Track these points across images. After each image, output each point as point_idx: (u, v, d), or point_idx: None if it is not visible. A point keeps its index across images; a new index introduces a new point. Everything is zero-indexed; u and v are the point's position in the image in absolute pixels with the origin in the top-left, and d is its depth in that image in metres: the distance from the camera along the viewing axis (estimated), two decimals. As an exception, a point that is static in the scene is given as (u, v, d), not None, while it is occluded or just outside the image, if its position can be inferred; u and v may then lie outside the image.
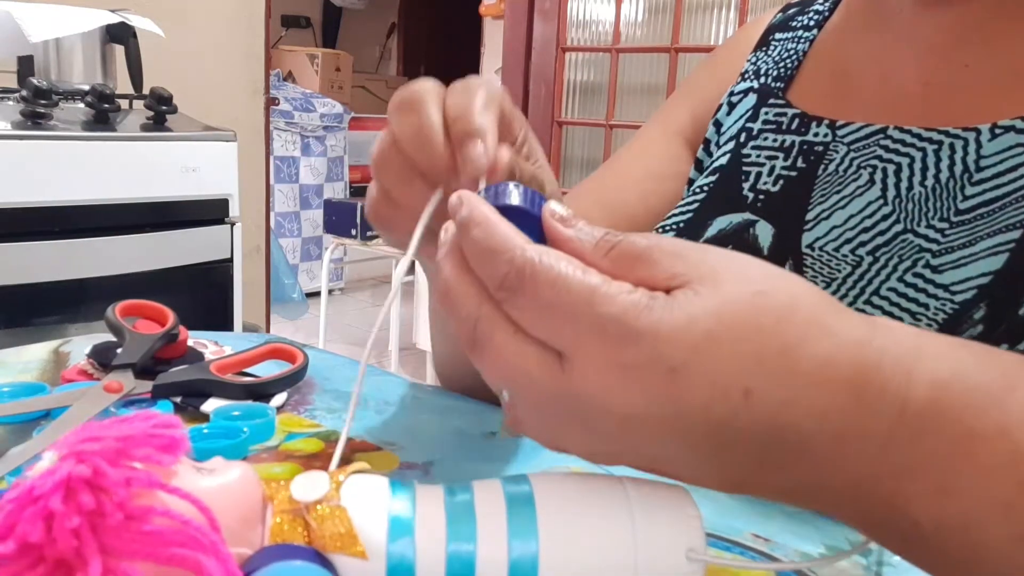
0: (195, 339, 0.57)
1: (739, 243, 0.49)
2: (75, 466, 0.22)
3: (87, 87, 1.42)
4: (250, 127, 2.16)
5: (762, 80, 0.56)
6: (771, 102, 0.54)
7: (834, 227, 0.46)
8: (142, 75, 1.62)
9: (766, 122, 0.53)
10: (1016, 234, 0.40)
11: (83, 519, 0.21)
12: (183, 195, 1.44)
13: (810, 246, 0.47)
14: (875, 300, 0.43)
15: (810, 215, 0.47)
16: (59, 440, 0.23)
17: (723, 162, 0.54)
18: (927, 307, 0.41)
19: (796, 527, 0.39)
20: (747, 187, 0.51)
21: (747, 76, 0.57)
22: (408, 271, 0.33)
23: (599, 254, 0.26)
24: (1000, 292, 0.39)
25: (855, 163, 0.47)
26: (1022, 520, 0.24)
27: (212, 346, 0.57)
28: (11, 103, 1.40)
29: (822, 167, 0.48)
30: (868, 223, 0.45)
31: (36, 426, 0.44)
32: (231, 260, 1.52)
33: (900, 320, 0.27)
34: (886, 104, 0.48)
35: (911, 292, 0.42)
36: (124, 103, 1.51)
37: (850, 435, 0.24)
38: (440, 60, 5.71)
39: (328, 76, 4.26)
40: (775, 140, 0.52)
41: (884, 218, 0.45)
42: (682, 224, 0.53)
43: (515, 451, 0.46)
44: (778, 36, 0.58)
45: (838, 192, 0.47)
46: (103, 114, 1.39)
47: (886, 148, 0.46)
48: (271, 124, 2.72)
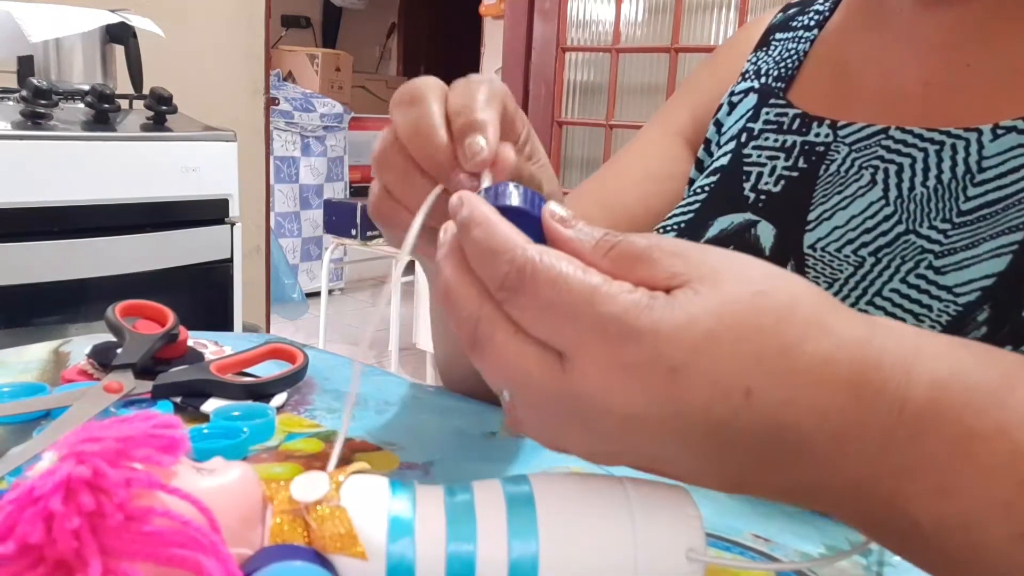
0: (195, 339, 0.57)
1: (740, 243, 0.49)
2: (75, 467, 0.22)
3: (87, 87, 1.42)
4: (250, 127, 2.16)
5: (763, 80, 0.56)
6: (772, 102, 0.54)
7: (836, 228, 0.46)
8: (142, 75, 1.62)
9: (767, 122, 0.53)
10: (1019, 236, 0.39)
11: (83, 520, 0.21)
12: (183, 195, 1.44)
13: (812, 247, 0.46)
14: (877, 301, 0.43)
15: (812, 215, 0.47)
16: (59, 440, 0.23)
17: (724, 162, 0.54)
18: (930, 308, 0.41)
19: (796, 527, 0.39)
20: (748, 187, 0.51)
21: (748, 76, 0.57)
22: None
23: (599, 254, 0.26)
24: (1003, 294, 0.39)
25: (857, 163, 0.47)
26: (1022, 519, 0.24)
27: (212, 346, 0.57)
28: (11, 103, 1.40)
29: (823, 167, 0.48)
30: (870, 223, 0.45)
31: (36, 426, 0.44)
32: (231, 260, 1.52)
33: (903, 322, 0.27)
34: (887, 104, 0.48)
35: (914, 293, 0.42)
36: (124, 103, 1.51)
37: (850, 434, 0.24)
38: (440, 60, 5.70)
39: (328, 76, 4.26)
40: (776, 140, 0.52)
41: (886, 219, 0.45)
42: (683, 224, 0.53)
43: (515, 451, 0.46)
44: (778, 36, 0.58)
45: (840, 192, 0.47)
46: (103, 114, 1.39)
47: (888, 148, 0.46)
48: (271, 124, 2.72)
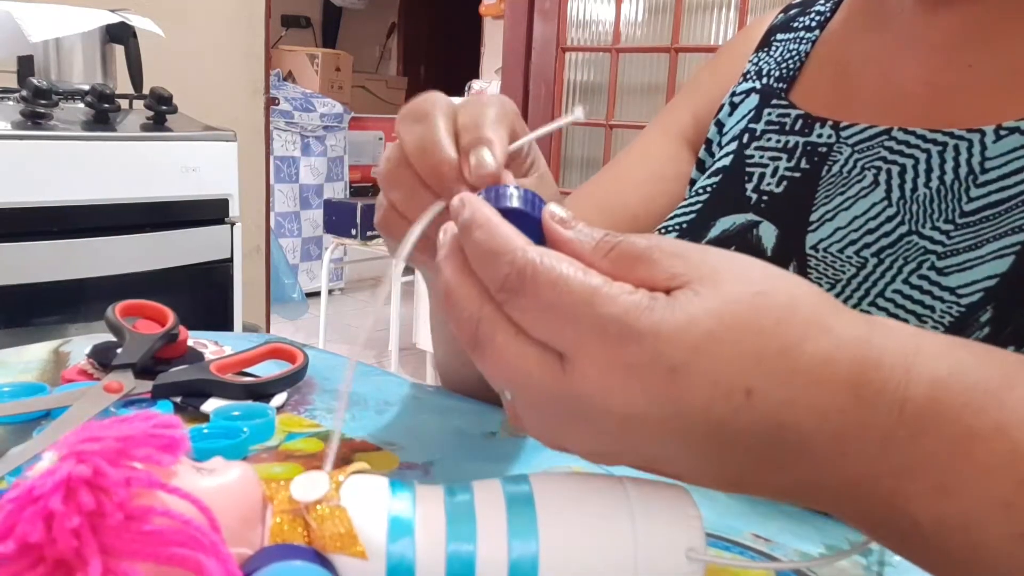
0: (195, 339, 0.57)
1: (742, 244, 0.49)
2: (75, 466, 0.22)
3: (87, 87, 1.42)
4: (250, 127, 2.16)
5: (764, 81, 0.56)
6: (774, 103, 0.54)
7: (838, 228, 0.46)
8: (142, 75, 1.62)
9: (769, 123, 0.53)
10: (1022, 236, 0.39)
11: (83, 519, 0.21)
12: (183, 195, 1.44)
13: (814, 247, 0.46)
14: (880, 302, 0.43)
15: (814, 216, 0.47)
16: (59, 440, 0.23)
17: (726, 163, 0.54)
18: (933, 309, 0.41)
19: (796, 527, 0.39)
20: (750, 188, 0.51)
21: (749, 77, 0.57)
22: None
23: (599, 255, 0.26)
24: (1006, 295, 0.39)
25: (859, 164, 0.47)
26: (1021, 519, 0.24)
27: (212, 346, 0.57)
28: (11, 103, 1.40)
29: (826, 168, 0.48)
30: (872, 224, 0.45)
31: (36, 426, 0.44)
32: (231, 260, 1.52)
33: (906, 323, 0.27)
34: (889, 105, 0.48)
35: (916, 294, 0.42)
36: (124, 103, 1.51)
37: (849, 434, 0.24)
38: (440, 60, 5.71)
39: (328, 76, 4.26)
40: (778, 141, 0.52)
41: (889, 219, 0.45)
42: (685, 225, 0.53)
43: (515, 451, 0.46)
44: (780, 37, 0.58)
45: (842, 193, 0.47)
46: (103, 114, 1.39)
47: (890, 149, 0.46)
48: (271, 124, 2.72)
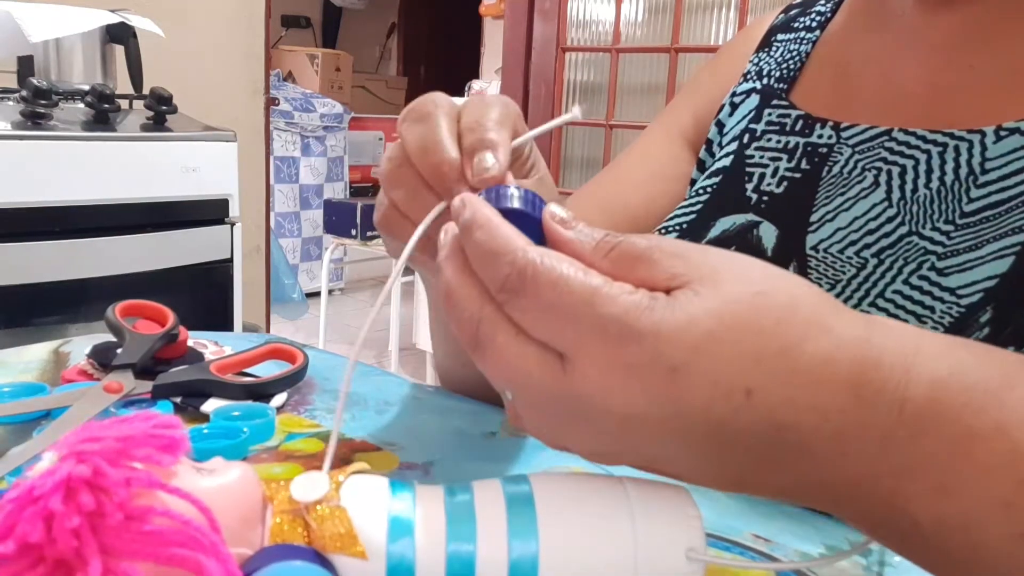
0: (195, 339, 0.57)
1: (742, 244, 0.49)
2: (75, 466, 0.22)
3: (87, 87, 1.42)
4: (250, 127, 2.16)
5: (765, 81, 0.56)
6: (774, 103, 0.54)
7: (839, 229, 0.46)
8: (142, 75, 1.62)
9: (769, 123, 0.53)
10: (1022, 237, 0.39)
11: (83, 519, 0.21)
12: (183, 195, 1.44)
13: (814, 248, 0.46)
14: (880, 303, 0.43)
15: (814, 217, 0.47)
16: (59, 440, 0.23)
17: (726, 163, 0.54)
18: (933, 310, 0.41)
19: (796, 527, 0.39)
20: (751, 188, 0.51)
21: (749, 77, 0.57)
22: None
23: (599, 255, 0.26)
24: (1006, 295, 0.39)
25: (860, 165, 0.47)
26: (1021, 519, 0.24)
27: (212, 346, 0.57)
28: (11, 103, 1.40)
29: (826, 169, 0.48)
30: (873, 225, 0.45)
31: (36, 426, 0.44)
32: (231, 260, 1.52)
33: (906, 323, 0.27)
34: (890, 106, 0.48)
35: (916, 295, 0.42)
36: (124, 103, 1.51)
37: (849, 434, 0.24)
38: (440, 60, 5.71)
39: (328, 76, 4.26)
40: (779, 141, 0.52)
41: (889, 220, 0.45)
42: (685, 225, 0.53)
43: (515, 451, 0.46)
44: (780, 37, 0.58)
45: (843, 194, 0.47)
46: (103, 114, 1.39)
47: (891, 150, 0.46)
48: (271, 124, 2.72)
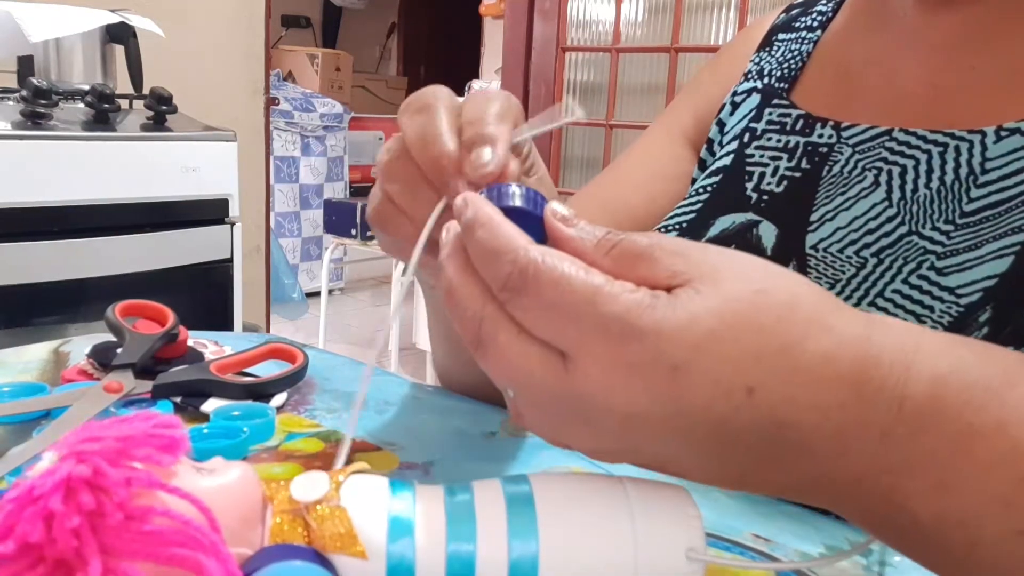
0: (195, 339, 0.57)
1: (742, 243, 0.49)
2: (75, 466, 0.22)
3: (87, 87, 1.42)
4: (250, 127, 2.16)
5: (765, 80, 0.56)
6: (775, 103, 0.54)
7: (838, 228, 0.46)
8: (142, 75, 1.62)
9: (770, 122, 0.53)
10: (1021, 237, 0.39)
11: (83, 519, 0.21)
12: (183, 195, 1.44)
13: (814, 247, 0.46)
14: (879, 302, 0.43)
15: (814, 216, 0.47)
16: (59, 440, 0.23)
17: (726, 162, 0.54)
18: (932, 309, 0.41)
19: (796, 527, 0.39)
20: (751, 187, 0.51)
21: (750, 76, 0.57)
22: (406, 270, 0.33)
23: (600, 253, 0.26)
24: (1005, 295, 0.39)
25: (860, 165, 0.47)
26: (1020, 516, 0.24)
27: (212, 346, 0.57)
28: (11, 103, 1.40)
29: (826, 168, 0.48)
30: (873, 225, 0.45)
31: (36, 426, 0.44)
32: (231, 260, 1.52)
33: (906, 321, 0.27)
34: (891, 106, 0.48)
35: (916, 294, 0.42)
36: (124, 103, 1.51)
37: (850, 432, 0.24)
38: (440, 60, 5.71)
39: (328, 76, 4.26)
40: (779, 141, 0.52)
41: (889, 220, 0.45)
42: (684, 224, 0.53)
43: (515, 451, 0.46)
44: (781, 37, 0.58)
45: (843, 194, 0.47)
46: (103, 114, 1.39)
47: (891, 150, 0.46)
48: (271, 124, 2.72)
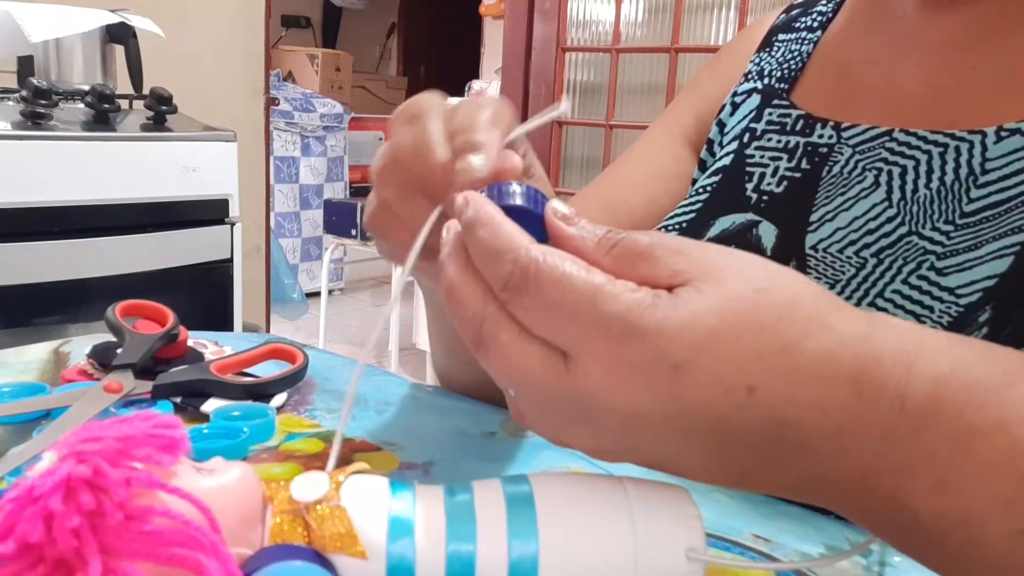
0: (195, 339, 0.57)
1: (742, 243, 0.49)
2: (75, 466, 0.22)
3: (87, 87, 1.42)
4: (250, 127, 2.16)
5: (766, 81, 0.56)
6: (775, 103, 0.54)
7: (838, 229, 0.46)
8: (142, 75, 1.62)
9: (770, 123, 0.53)
10: (1021, 237, 0.40)
11: (83, 519, 0.21)
12: (183, 195, 1.44)
13: (814, 247, 0.46)
14: (879, 302, 0.43)
15: (814, 216, 0.47)
16: (59, 440, 0.23)
17: (726, 162, 0.54)
18: (932, 309, 0.41)
19: (796, 527, 0.39)
20: (751, 187, 0.51)
21: (750, 77, 0.57)
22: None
23: (601, 252, 0.26)
24: (1005, 295, 0.39)
25: (860, 165, 0.47)
26: (1021, 516, 0.24)
27: (212, 346, 0.57)
28: (11, 103, 1.40)
29: (826, 169, 0.48)
30: (873, 225, 0.45)
31: (36, 426, 0.44)
32: (231, 260, 1.52)
33: (907, 321, 0.27)
34: (891, 106, 0.48)
35: (916, 294, 0.42)
36: (124, 103, 1.51)
37: (850, 431, 0.24)
38: (440, 60, 5.71)
39: (328, 76, 4.26)
40: (779, 141, 0.52)
41: (889, 220, 0.45)
42: (684, 224, 0.53)
43: (515, 451, 0.46)
44: (781, 37, 0.58)
45: (843, 194, 0.47)
46: (103, 114, 1.39)
47: (891, 150, 0.46)
48: (271, 124, 2.72)
